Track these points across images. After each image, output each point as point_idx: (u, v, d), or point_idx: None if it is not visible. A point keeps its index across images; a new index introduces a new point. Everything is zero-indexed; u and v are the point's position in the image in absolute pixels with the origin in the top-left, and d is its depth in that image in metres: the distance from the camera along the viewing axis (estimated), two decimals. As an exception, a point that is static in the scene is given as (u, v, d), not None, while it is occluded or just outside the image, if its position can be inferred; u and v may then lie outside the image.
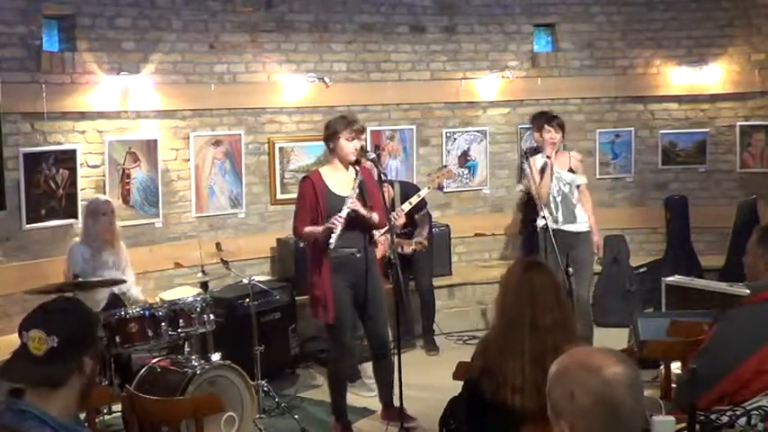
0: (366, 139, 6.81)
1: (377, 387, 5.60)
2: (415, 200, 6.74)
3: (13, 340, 2.38)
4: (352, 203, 5.18)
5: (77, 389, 2.33)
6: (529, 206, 7.21)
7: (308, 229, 5.27)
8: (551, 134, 6.46)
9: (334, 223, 5.11)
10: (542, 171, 6.38)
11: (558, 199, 6.43)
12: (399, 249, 6.81)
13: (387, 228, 5.44)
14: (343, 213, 5.14)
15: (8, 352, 2.37)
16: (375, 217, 5.28)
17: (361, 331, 5.83)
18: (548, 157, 6.40)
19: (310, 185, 5.28)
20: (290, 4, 7.55)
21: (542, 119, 6.66)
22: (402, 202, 6.80)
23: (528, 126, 7.67)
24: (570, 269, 5.70)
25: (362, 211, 5.21)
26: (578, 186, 6.54)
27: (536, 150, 6.83)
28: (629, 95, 8.69)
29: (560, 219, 6.41)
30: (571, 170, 6.52)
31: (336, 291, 5.22)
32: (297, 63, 7.58)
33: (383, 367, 5.47)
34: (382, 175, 5.30)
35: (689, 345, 4.03)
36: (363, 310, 5.40)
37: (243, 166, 7.40)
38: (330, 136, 5.27)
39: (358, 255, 5.27)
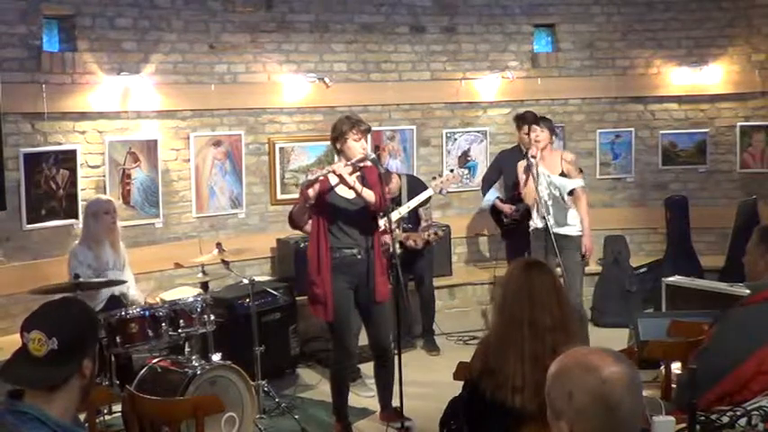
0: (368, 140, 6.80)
1: (377, 389, 5.59)
2: (413, 203, 6.72)
3: (15, 340, 2.38)
4: (338, 168, 5.15)
5: (77, 391, 2.33)
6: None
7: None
8: (536, 134, 6.31)
9: (315, 174, 5.13)
10: (527, 171, 6.20)
11: (549, 203, 6.23)
12: (411, 243, 6.85)
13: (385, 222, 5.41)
14: (325, 170, 5.19)
15: (10, 351, 2.37)
16: (368, 193, 5.16)
17: (358, 329, 5.84)
18: (532, 156, 6.20)
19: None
20: (290, 4, 7.55)
21: (529, 119, 6.47)
22: (409, 195, 6.81)
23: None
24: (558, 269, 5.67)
25: (348, 178, 5.12)
26: (572, 191, 6.32)
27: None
28: (630, 96, 8.68)
29: (551, 222, 6.19)
30: (563, 174, 6.30)
31: (337, 290, 5.18)
32: (297, 63, 7.58)
33: (384, 372, 5.46)
34: (382, 175, 5.28)
35: (689, 345, 4.03)
36: (366, 315, 5.38)
37: (243, 166, 7.40)
38: (337, 137, 5.22)
39: (359, 256, 5.21)
